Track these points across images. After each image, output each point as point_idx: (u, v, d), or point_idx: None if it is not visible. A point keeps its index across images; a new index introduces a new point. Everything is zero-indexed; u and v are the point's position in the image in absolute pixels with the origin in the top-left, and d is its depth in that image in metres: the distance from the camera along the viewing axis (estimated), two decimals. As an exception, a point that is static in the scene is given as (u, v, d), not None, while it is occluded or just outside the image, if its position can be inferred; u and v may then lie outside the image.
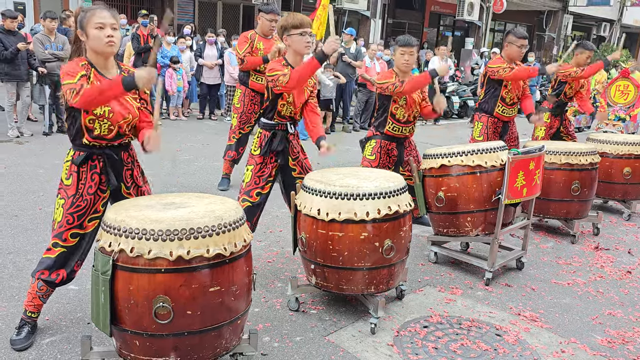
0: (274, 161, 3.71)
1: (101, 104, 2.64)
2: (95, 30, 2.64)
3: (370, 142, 4.52)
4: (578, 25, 26.61)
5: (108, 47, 2.67)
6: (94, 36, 2.65)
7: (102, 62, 2.74)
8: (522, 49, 5.12)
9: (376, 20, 19.29)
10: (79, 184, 2.78)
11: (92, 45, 2.68)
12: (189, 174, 6.72)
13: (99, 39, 2.64)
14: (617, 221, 5.95)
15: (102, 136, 2.77)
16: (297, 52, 3.58)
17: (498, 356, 3.05)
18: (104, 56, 2.73)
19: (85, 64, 2.70)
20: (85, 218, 2.80)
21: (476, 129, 5.42)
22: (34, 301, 2.90)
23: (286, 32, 3.54)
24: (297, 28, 3.50)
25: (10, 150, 7.41)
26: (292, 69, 3.52)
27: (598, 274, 4.36)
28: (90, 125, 2.73)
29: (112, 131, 2.78)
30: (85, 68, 2.68)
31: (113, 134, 2.79)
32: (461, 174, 3.95)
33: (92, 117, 2.71)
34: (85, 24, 2.66)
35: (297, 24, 3.50)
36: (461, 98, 14.35)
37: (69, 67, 2.66)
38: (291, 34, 3.52)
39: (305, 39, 3.52)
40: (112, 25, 2.66)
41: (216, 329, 2.46)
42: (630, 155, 5.76)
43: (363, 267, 3.17)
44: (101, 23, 2.64)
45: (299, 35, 3.51)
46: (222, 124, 10.49)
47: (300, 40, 3.52)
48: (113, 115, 2.73)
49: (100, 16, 2.65)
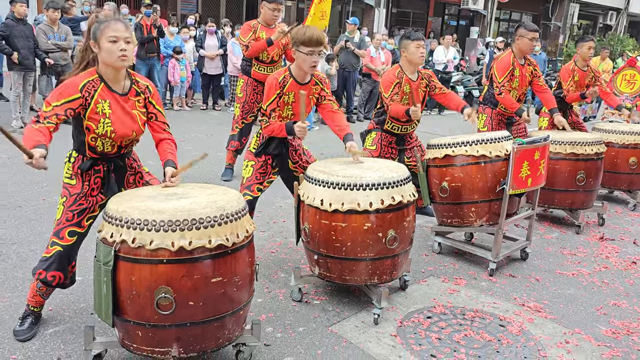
0: (272, 164, 3.69)
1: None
2: (108, 44, 2.61)
3: (371, 134, 4.55)
4: (584, 14, 26.36)
5: (120, 61, 2.64)
6: (106, 49, 2.62)
7: (113, 74, 2.72)
8: (534, 42, 5.07)
9: (380, 9, 19.17)
10: (84, 185, 2.79)
11: (105, 58, 2.66)
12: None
13: (112, 52, 2.62)
14: (622, 211, 5.91)
15: (104, 152, 2.78)
16: (301, 69, 3.49)
17: (502, 347, 3.04)
18: (115, 69, 2.70)
19: (92, 80, 2.67)
20: (85, 217, 2.79)
21: (480, 121, 5.38)
22: (35, 298, 2.91)
23: (295, 46, 3.44)
24: (306, 46, 3.38)
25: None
26: (275, 122, 3.49)
27: (603, 265, 4.33)
28: (93, 143, 2.74)
29: (114, 147, 2.79)
30: (87, 87, 2.65)
31: (115, 150, 2.81)
32: (465, 164, 3.92)
33: (94, 135, 2.71)
34: (99, 36, 2.64)
35: (306, 42, 3.37)
36: (466, 88, 14.27)
37: (63, 86, 2.62)
38: (299, 50, 3.41)
39: (312, 58, 3.40)
40: (125, 39, 2.63)
41: (219, 319, 2.45)
42: (636, 145, 5.71)
43: (366, 257, 3.16)
44: (115, 36, 2.61)
45: (306, 54, 3.39)
46: (225, 114, 10.47)
47: (306, 59, 3.41)
48: (115, 135, 2.73)
49: (114, 29, 2.62)
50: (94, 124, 2.68)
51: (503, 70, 5.07)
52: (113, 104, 2.71)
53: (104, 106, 2.68)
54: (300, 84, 3.54)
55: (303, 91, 3.34)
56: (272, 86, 3.49)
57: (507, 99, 5.07)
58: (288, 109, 3.57)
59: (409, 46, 4.28)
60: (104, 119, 2.68)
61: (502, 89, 5.05)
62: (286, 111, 3.57)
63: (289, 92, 3.52)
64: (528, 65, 5.22)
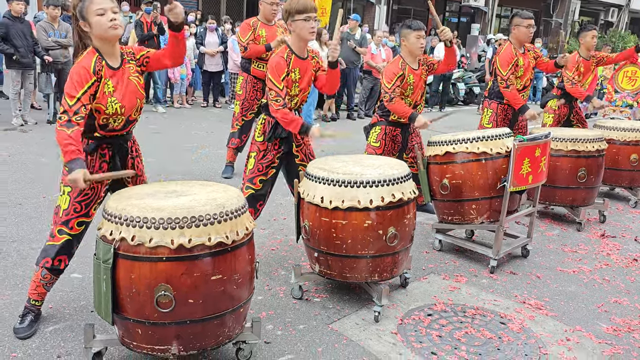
0: (278, 147, 3.68)
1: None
2: (97, 17, 2.61)
3: (375, 128, 4.50)
4: (586, 11, 26.30)
5: (113, 30, 2.63)
6: (96, 23, 2.62)
7: (109, 48, 2.71)
8: (530, 29, 5.05)
9: (381, 6, 19.14)
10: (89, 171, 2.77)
11: (97, 32, 2.65)
12: (193, 161, 6.71)
13: (103, 24, 2.61)
14: (623, 208, 5.90)
15: (114, 128, 2.78)
16: (301, 38, 3.52)
17: (502, 344, 3.03)
18: (110, 42, 2.69)
19: (97, 59, 2.66)
20: (92, 206, 2.82)
21: (485, 116, 5.36)
22: (37, 289, 2.90)
23: (290, 18, 3.47)
24: (301, 13, 3.43)
25: (14, 138, 7.41)
26: (285, 112, 3.48)
27: (604, 262, 4.33)
28: (104, 122, 2.73)
29: (123, 121, 2.79)
30: (97, 67, 2.63)
31: (123, 124, 2.81)
32: (466, 161, 3.91)
33: (105, 116, 2.71)
34: (86, 13, 2.63)
35: (301, 9, 3.42)
36: (467, 85, 14.26)
37: (76, 75, 2.59)
38: (295, 19, 3.45)
39: (310, 24, 3.46)
40: (112, 9, 2.63)
41: (219, 317, 2.45)
42: (637, 142, 5.70)
43: (367, 255, 3.15)
44: (101, 8, 2.60)
45: (303, 20, 3.44)
46: (226, 112, 10.46)
47: (304, 26, 3.45)
48: (125, 109, 2.74)
49: (98, 2, 2.61)
50: (102, 104, 2.67)
51: (507, 63, 5.04)
52: (114, 80, 2.71)
53: (109, 85, 2.68)
54: (301, 59, 3.57)
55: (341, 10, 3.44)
56: (280, 65, 3.49)
57: (513, 94, 5.05)
58: (296, 86, 3.58)
59: (410, 36, 4.28)
60: (110, 98, 2.68)
61: (509, 82, 5.03)
62: (294, 89, 3.58)
63: (294, 68, 3.54)
64: (528, 51, 5.23)
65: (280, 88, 3.47)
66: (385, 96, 4.28)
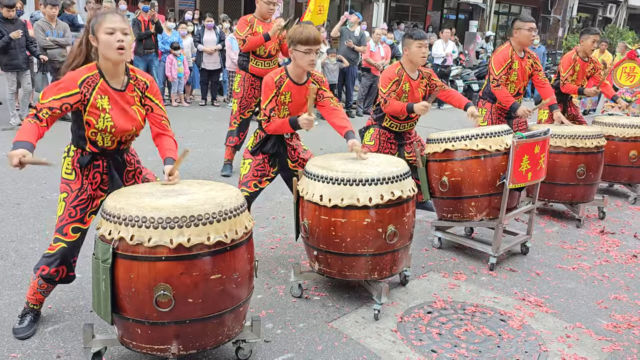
0: (270, 163, 3.67)
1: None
2: (105, 36, 2.60)
3: (369, 130, 4.53)
4: (584, 7, 26.27)
5: (118, 54, 2.62)
6: (104, 41, 2.61)
7: (112, 68, 2.70)
8: (532, 32, 5.04)
9: (379, 3, 19.11)
10: (83, 179, 2.78)
11: (103, 51, 2.64)
12: (191, 160, 6.69)
13: (109, 44, 2.60)
14: (622, 205, 5.90)
15: (104, 147, 2.77)
16: (299, 67, 3.47)
17: (502, 341, 3.03)
18: (113, 63, 2.68)
19: (92, 76, 2.66)
20: (87, 213, 2.79)
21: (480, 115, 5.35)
22: (35, 295, 2.90)
23: (292, 45, 3.43)
24: (303, 44, 3.37)
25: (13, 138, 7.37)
26: (276, 119, 3.47)
27: (603, 258, 4.33)
28: (93, 137, 2.73)
29: (114, 142, 2.78)
30: (87, 82, 2.63)
31: (115, 145, 2.79)
32: (465, 159, 3.91)
33: (94, 130, 2.70)
34: (96, 29, 2.63)
35: (304, 41, 3.37)
36: (465, 82, 14.23)
37: (62, 81, 2.61)
38: (297, 49, 3.40)
39: (310, 56, 3.40)
40: (122, 30, 2.62)
41: (218, 316, 2.44)
42: (636, 138, 5.70)
43: (366, 253, 3.14)
44: (112, 28, 2.60)
45: (303, 52, 3.39)
46: (224, 110, 10.44)
47: (304, 57, 3.40)
48: (115, 130, 2.72)
49: (111, 21, 2.61)
50: (94, 118, 2.66)
51: (500, 63, 5.03)
52: (112, 100, 2.70)
53: (104, 101, 2.67)
54: (297, 84, 3.53)
55: (314, 85, 3.33)
56: (268, 86, 3.48)
57: (503, 92, 5.04)
58: (285, 109, 3.54)
59: (411, 45, 4.24)
60: (104, 114, 2.67)
61: (500, 82, 5.02)
62: (283, 111, 3.54)
63: (285, 92, 3.50)
64: (528, 58, 5.18)
65: (264, 107, 3.49)
66: (381, 101, 4.28)
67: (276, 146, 3.60)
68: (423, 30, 4.36)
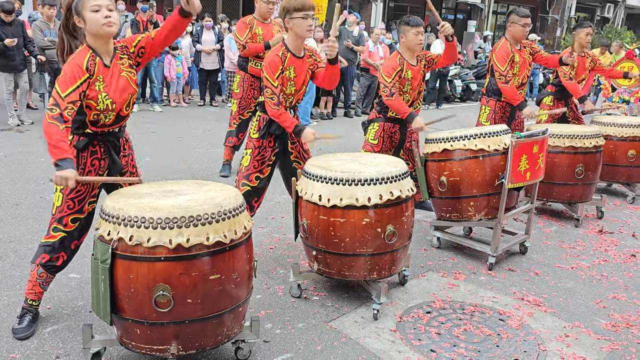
0: (273, 145, 3.68)
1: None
2: (91, 14, 2.59)
3: (373, 125, 4.49)
4: (582, 7, 26.31)
5: (107, 27, 2.61)
6: (91, 19, 2.60)
7: (103, 46, 2.69)
8: (526, 28, 5.05)
9: (377, 3, 19.12)
10: (79, 169, 2.75)
11: (91, 29, 2.63)
12: (190, 160, 6.69)
13: (97, 20, 2.59)
14: (621, 204, 5.91)
15: (105, 124, 2.77)
16: (299, 36, 3.51)
17: (501, 341, 3.03)
18: (104, 39, 2.67)
19: (91, 56, 2.65)
20: (85, 203, 2.81)
21: (483, 114, 5.35)
22: (34, 289, 2.89)
23: (288, 15, 3.46)
24: (299, 11, 3.42)
25: (11, 138, 7.38)
26: (282, 108, 3.49)
27: (602, 258, 4.33)
28: (95, 118, 2.72)
29: (114, 117, 2.78)
30: (90, 64, 2.62)
31: (114, 119, 2.79)
32: (464, 159, 3.91)
33: (95, 112, 2.70)
34: (81, 9, 2.62)
35: (299, 6, 3.41)
36: (464, 82, 14.25)
37: (69, 71, 2.58)
38: (293, 17, 3.44)
39: (308, 22, 3.45)
40: (107, 7, 2.61)
41: (217, 316, 2.44)
42: (634, 138, 5.71)
43: (365, 253, 3.15)
44: (96, 5, 2.59)
45: (301, 18, 3.43)
46: (223, 110, 10.44)
47: (302, 24, 3.45)
48: (116, 105, 2.72)
49: None
50: (94, 101, 2.66)
51: (504, 59, 5.03)
52: (105, 77, 2.69)
53: (101, 81, 2.67)
54: (297, 57, 3.56)
55: (338, 4, 3.43)
56: (274, 62, 3.49)
57: (512, 89, 5.04)
58: (291, 85, 3.58)
59: (408, 32, 4.26)
60: (101, 94, 2.67)
61: (508, 78, 5.02)
62: (289, 87, 3.57)
63: (289, 66, 3.53)
64: (524, 47, 5.22)
65: (275, 86, 3.47)
66: (385, 90, 4.26)
67: (281, 127, 3.61)
68: (419, 17, 4.36)
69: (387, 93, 4.25)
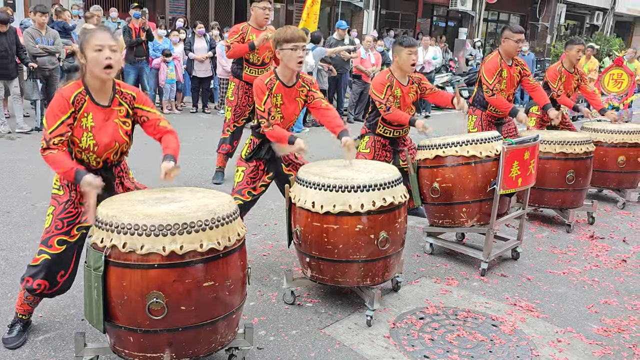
0: (264, 169, 3.68)
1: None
2: (94, 53, 2.60)
3: (364, 138, 4.56)
4: (571, 14, 26.56)
5: (104, 73, 2.62)
6: (92, 59, 2.61)
7: (99, 85, 2.70)
8: (519, 44, 5.10)
9: (369, 11, 19.20)
10: (71, 192, 2.75)
11: (91, 68, 2.64)
12: (183, 167, 6.65)
13: (97, 61, 2.60)
14: (611, 210, 5.95)
15: (89, 165, 2.75)
16: (288, 67, 3.49)
17: (494, 346, 3.05)
18: (100, 80, 2.68)
19: (80, 93, 2.66)
20: (74, 226, 2.75)
21: (470, 122, 5.40)
22: (23, 306, 2.89)
23: (278, 46, 3.46)
24: (288, 42, 3.40)
25: (1, 146, 7.34)
26: (273, 126, 3.46)
27: (593, 263, 4.36)
28: (79, 156, 2.73)
29: (99, 162, 2.77)
30: (77, 100, 2.64)
31: (101, 165, 2.78)
32: (456, 165, 3.93)
33: (78, 149, 2.71)
34: (85, 46, 2.63)
35: (289, 38, 3.41)
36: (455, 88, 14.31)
37: (56, 103, 2.61)
38: (283, 48, 3.43)
39: (297, 53, 3.42)
40: (110, 47, 2.61)
41: (211, 324, 2.44)
42: (624, 144, 5.76)
43: (358, 259, 3.15)
44: (100, 45, 2.60)
45: (290, 50, 3.41)
46: (216, 117, 10.44)
47: (291, 55, 3.43)
48: (98, 148, 2.71)
49: (98, 38, 2.61)
50: (77, 138, 2.67)
51: (492, 72, 5.08)
52: (95, 117, 2.69)
53: (88, 120, 2.67)
54: (286, 87, 3.54)
55: (355, 141, 3.48)
56: (260, 88, 3.50)
57: (499, 99, 5.08)
58: (277, 112, 3.56)
59: (401, 53, 4.26)
60: (87, 132, 2.67)
61: (494, 91, 5.07)
62: (275, 114, 3.56)
63: (276, 94, 3.52)
64: (516, 65, 5.24)
65: (262, 110, 3.48)
66: (381, 107, 4.29)
67: (271, 151, 3.61)
68: (413, 38, 4.38)
69: (383, 109, 4.29)
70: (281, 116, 3.58)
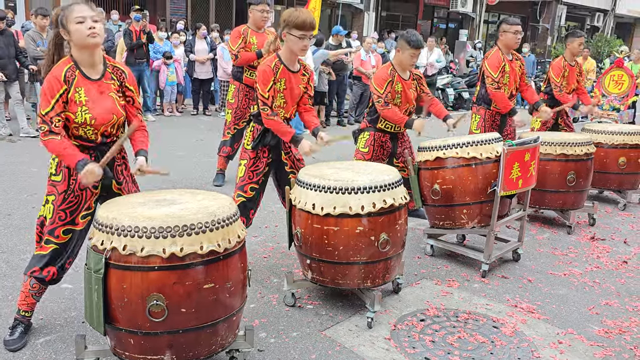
0: (267, 155, 3.68)
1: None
2: (76, 25, 2.60)
3: (364, 134, 4.51)
4: (572, 16, 26.56)
5: (91, 38, 2.62)
6: (75, 31, 2.61)
7: (88, 58, 2.69)
8: (518, 35, 5.10)
9: (370, 13, 19.22)
10: (70, 180, 2.75)
11: (76, 40, 2.64)
12: (184, 170, 6.68)
13: (81, 32, 2.60)
14: (612, 211, 5.95)
15: (89, 139, 2.76)
16: (292, 52, 3.49)
17: (495, 348, 3.04)
18: (88, 50, 2.67)
19: (70, 68, 2.66)
20: (78, 214, 2.78)
21: (474, 122, 5.39)
22: (27, 300, 2.88)
23: (287, 28, 3.41)
24: (298, 29, 3.37)
25: (2, 148, 7.35)
26: (275, 118, 3.50)
27: (594, 265, 4.35)
28: (76, 132, 2.73)
29: (97, 135, 2.76)
30: (68, 75, 2.64)
31: (99, 138, 2.77)
32: (456, 166, 3.93)
33: (75, 125, 2.70)
34: (66, 21, 2.63)
35: (300, 25, 3.36)
36: (456, 90, 14.33)
37: (48, 85, 2.62)
38: (291, 33, 3.40)
39: (304, 42, 3.40)
40: (92, 18, 2.62)
41: (211, 326, 2.44)
42: (625, 145, 5.76)
43: (359, 261, 3.15)
44: (81, 17, 2.60)
45: (297, 37, 3.39)
46: (216, 120, 10.45)
47: (297, 42, 3.40)
48: (95, 121, 2.71)
49: (79, 10, 2.61)
50: (72, 113, 2.66)
51: (496, 66, 5.07)
52: (88, 91, 2.69)
53: (80, 94, 2.67)
54: (291, 71, 3.55)
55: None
56: (266, 73, 3.47)
57: (502, 95, 5.08)
58: (280, 97, 3.56)
59: (406, 51, 4.23)
60: (81, 107, 2.66)
61: (500, 84, 5.06)
62: (279, 99, 3.56)
63: (280, 78, 3.51)
64: (516, 60, 5.27)
65: (266, 97, 3.47)
66: (379, 101, 4.26)
67: (275, 138, 3.62)
68: (422, 40, 4.35)
69: (381, 104, 4.27)
70: (284, 101, 3.58)
